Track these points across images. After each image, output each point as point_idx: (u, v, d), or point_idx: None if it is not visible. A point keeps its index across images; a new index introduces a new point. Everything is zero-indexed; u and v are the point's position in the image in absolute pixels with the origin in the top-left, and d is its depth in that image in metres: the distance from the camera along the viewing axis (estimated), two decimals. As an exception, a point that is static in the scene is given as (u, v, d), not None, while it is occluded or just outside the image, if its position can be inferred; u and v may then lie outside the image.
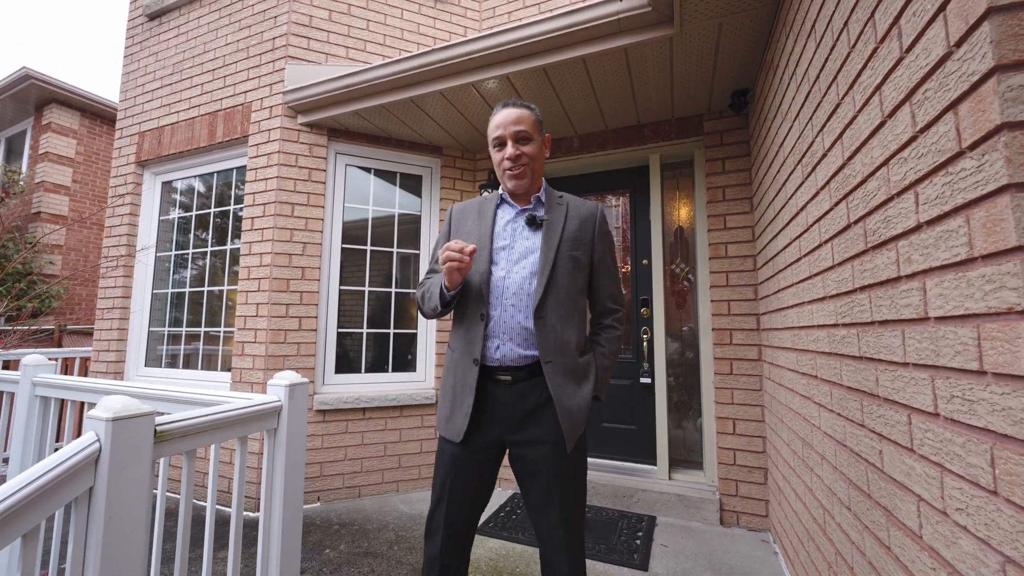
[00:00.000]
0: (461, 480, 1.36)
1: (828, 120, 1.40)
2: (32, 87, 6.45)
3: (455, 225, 1.55)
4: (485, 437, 1.37)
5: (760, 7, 1.98)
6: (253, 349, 2.95)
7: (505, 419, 1.35)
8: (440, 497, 1.37)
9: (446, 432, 1.39)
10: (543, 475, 1.33)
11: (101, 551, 0.87)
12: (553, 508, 1.31)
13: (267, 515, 1.25)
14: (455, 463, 1.37)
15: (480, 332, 1.35)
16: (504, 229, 1.46)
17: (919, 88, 0.89)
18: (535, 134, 1.45)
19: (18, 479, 0.79)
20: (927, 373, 0.90)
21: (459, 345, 1.42)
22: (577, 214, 1.47)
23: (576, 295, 1.42)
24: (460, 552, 1.39)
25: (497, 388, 1.36)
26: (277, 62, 3.15)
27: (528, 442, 1.35)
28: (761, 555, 2.29)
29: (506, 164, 1.42)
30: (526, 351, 1.35)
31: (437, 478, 1.40)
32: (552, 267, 1.36)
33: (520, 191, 1.46)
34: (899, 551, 1.03)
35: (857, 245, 1.22)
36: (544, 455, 1.33)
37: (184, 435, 1.03)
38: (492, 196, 1.54)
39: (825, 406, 1.54)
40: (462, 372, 1.38)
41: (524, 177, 1.43)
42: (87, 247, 7.06)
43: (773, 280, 2.22)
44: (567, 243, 1.41)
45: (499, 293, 1.37)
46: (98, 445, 0.88)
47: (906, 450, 0.99)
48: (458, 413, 1.36)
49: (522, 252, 1.41)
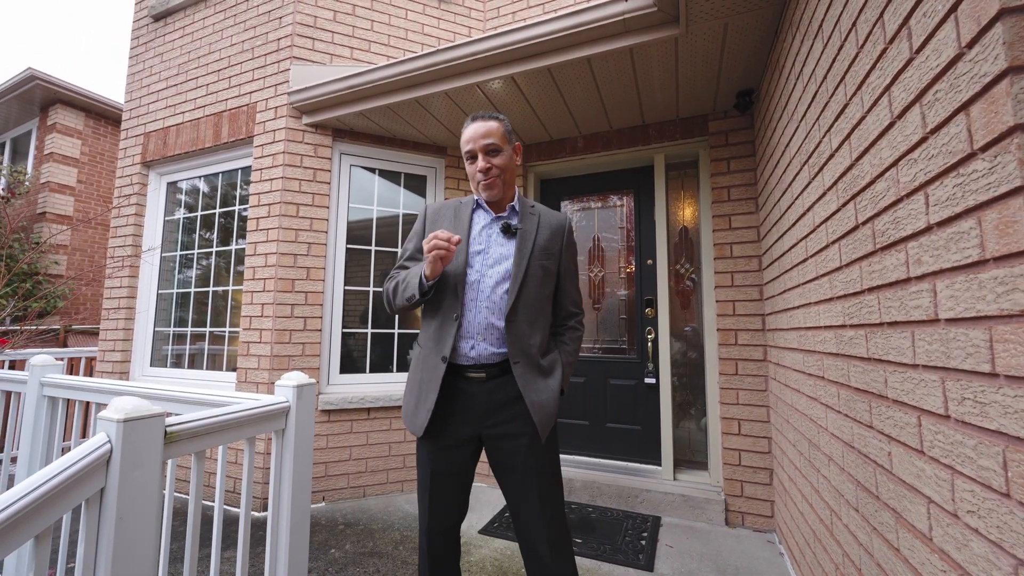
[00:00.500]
0: (440, 476, 1.42)
1: (836, 120, 1.40)
2: (37, 88, 6.48)
3: (430, 224, 1.58)
4: (460, 432, 1.41)
5: (766, 7, 1.98)
6: (258, 349, 2.96)
7: (478, 414, 1.41)
8: (423, 495, 1.42)
9: (410, 426, 1.44)
10: (519, 468, 1.38)
11: (112, 552, 0.88)
12: (532, 499, 1.37)
13: (275, 515, 1.25)
14: (432, 460, 1.42)
15: (452, 331, 1.40)
16: (480, 234, 1.51)
17: (929, 89, 0.89)
18: (504, 145, 1.49)
19: (31, 480, 0.79)
20: (937, 375, 0.90)
21: (428, 342, 1.47)
22: (548, 224, 1.54)
23: (544, 302, 1.49)
24: (449, 546, 1.45)
25: (469, 385, 1.42)
26: (282, 63, 3.15)
27: (503, 436, 1.40)
28: (767, 556, 2.29)
29: (478, 176, 1.48)
30: (498, 349, 1.41)
31: (419, 479, 1.45)
32: (524, 274, 1.44)
33: (493, 199, 1.51)
34: (908, 553, 1.03)
35: (865, 246, 1.21)
36: (518, 448, 1.39)
37: (194, 436, 1.03)
38: (468, 200, 1.59)
39: (832, 407, 1.53)
40: (430, 368, 1.42)
41: (495, 187, 1.48)
42: (92, 247, 7.09)
43: (779, 280, 2.21)
44: (538, 253, 1.48)
45: (473, 295, 1.43)
46: (109, 446, 0.89)
47: (916, 452, 0.99)
48: (422, 408, 1.40)
49: (496, 258, 1.46)
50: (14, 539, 0.76)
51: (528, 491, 1.36)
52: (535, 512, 1.36)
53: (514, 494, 1.39)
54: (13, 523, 0.75)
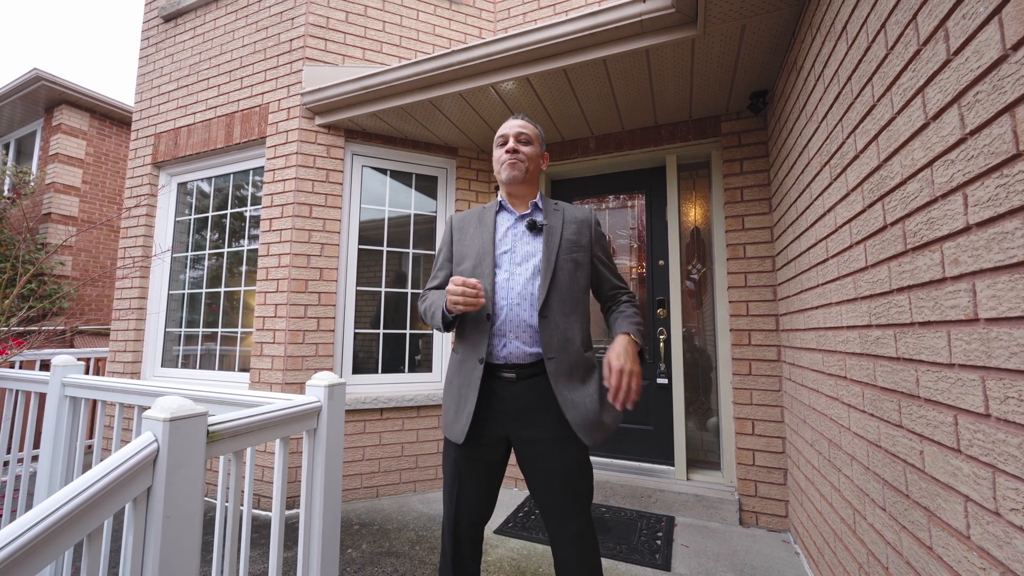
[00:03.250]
0: (469, 478, 1.42)
1: (861, 121, 1.40)
2: (42, 88, 6.49)
3: (456, 234, 1.60)
4: (490, 434, 1.41)
5: (784, 9, 1.98)
6: (272, 350, 2.97)
7: (508, 416, 1.40)
8: (450, 496, 1.43)
9: (449, 434, 1.43)
10: (549, 472, 1.37)
11: (160, 551, 0.88)
12: (561, 503, 1.36)
13: (307, 514, 1.26)
14: (462, 461, 1.42)
15: (486, 331, 1.40)
16: (505, 235, 1.52)
17: (969, 91, 0.90)
18: (536, 142, 1.55)
19: (85, 478, 0.80)
20: (977, 374, 0.90)
21: (463, 346, 1.47)
22: (573, 219, 1.54)
23: (578, 294, 1.48)
24: (472, 547, 1.45)
25: (501, 386, 1.41)
26: (295, 63, 3.16)
27: (532, 440, 1.39)
28: (783, 555, 2.29)
29: (504, 156, 1.51)
30: (531, 348, 1.40)
31: (446, 478, 1.46)
32: (554, 268, 1.43)
33: (513, 183, 1.51)
34: (943, 551, 1.04)
35: (895, 246, 1.22)
36: (547, 451, 1.38)
37: (234, 435, 1.04)
38: (490, 204, 1.61)
39: (856, 407, 1.54)
40: (467, 372, 1.42)
41: (518, 169, 1.49)
42: (97, 248, 7.09)
43: (795, 281, 2.22)
44: (567, 246, 1.48)
45: (504, 294, 1.43)
46: (156, 445, 0.90)
47: (951, 451, 0.99)
48: (462, 414, 1.40)
49: (524, 255, 1.47)
50: (68, 537, 0.77)
51: (556, 494, 1.36)
52: (565, 517, 1.35)
53: (544, 498, 1.38)
54: (68, 521, 0.76)
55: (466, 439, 1.36)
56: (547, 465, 1.37)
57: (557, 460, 1.37)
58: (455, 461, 1.42)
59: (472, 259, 1.50)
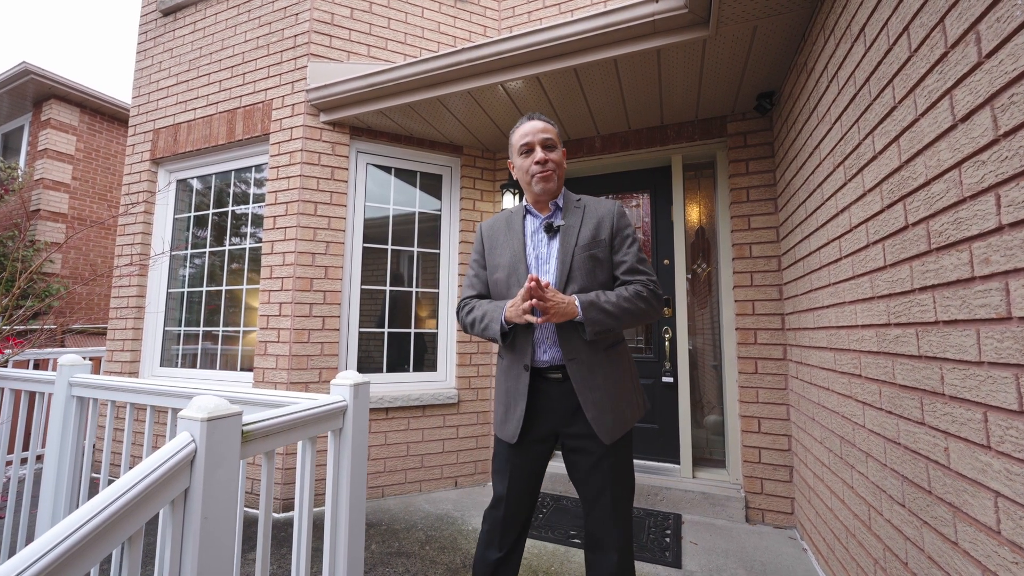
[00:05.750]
0: (519, 475, 1.45)
1: (881, 123, 1.42)
2: (31, 82, 6.35)
3: (487, 242, 1.61)
4: (539, 431, 1.45)
5: (796, 10, 2.00)
6: (276, 349, 2.93)
7: (557, 413, 1.44)
8: (501, 494, 1.45)
9: (501, 434, 1.49)
10: (588, 470, 1.40)
11: (198, 552, 0.87)
12: (604, 498, 1.38)
13: (334, 513, 1.25)
14: (513, 459, 1.46)
15: (529, 338, 1.43)
16: (531, 239, 1.55)
17: (1003, 92, 0.91)
18: (558, 142, 1.56)
19: (125, 480, 0.78)
20: (1010, 372, 0.92)
21: (508, 353, 1.50)
22: (594, 214, 1.53)
23: (598, 290, 1.44)
24: (518, 545, 1.47)
25: (549, 386, 1.44)
26: (299, 60, 3.13)
27: (579, 435, 1.42)
28: (791, 552, 2.32)
29: (535, 169, 1.50)
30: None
31: (497, 475, 1.48)
32: (569, 269, 1.44)
33: (547, 195, 1.53)
34: (969, 546, 1.05)
35: (918, 246, 1.24)
36: (586, 449, 1.41)
37: (266, 435, 1.03)
38: (517, 209, 1.62)
39: (871, 404, 1.56)
40: (514, 378, 1.46)
41: (552, 180, 1.50)
42: (88, 245, 6.97)
43: (804, 280, 2.25)
44: (583, 244, 1.46)
45: None
46: (194, 446, 0.88)
47: (980, 447, 1.01)
48: (512, 417, 1.45)
49: (544, 259, 1.50)
50: (109, 541, 0.75)
51: (601, 491, 1.38)
52: (607, 512, 1.37)
53: (588, 493, 1.41)
54: (110, 524, 0.74)
55: (518, 439, 1.41)
56: (587, 463, 1.40)
57: (597, 461, 1.39)
58: (507, 459, 1.45)
59: (505, 268, 1.51)
